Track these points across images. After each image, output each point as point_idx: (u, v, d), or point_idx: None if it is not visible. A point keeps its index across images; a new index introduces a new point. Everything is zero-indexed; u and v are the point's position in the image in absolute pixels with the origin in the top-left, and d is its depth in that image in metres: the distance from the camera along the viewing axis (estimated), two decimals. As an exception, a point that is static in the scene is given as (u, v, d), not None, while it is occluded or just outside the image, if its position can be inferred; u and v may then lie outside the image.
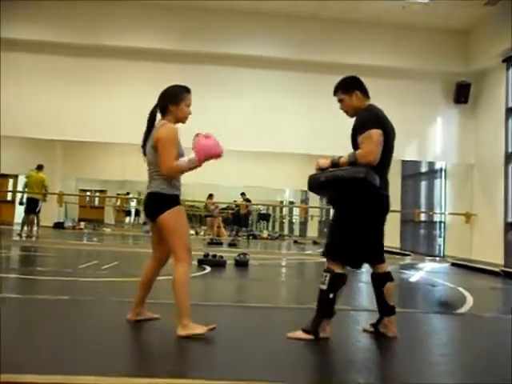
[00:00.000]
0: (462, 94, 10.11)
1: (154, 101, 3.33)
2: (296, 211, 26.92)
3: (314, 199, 23.03)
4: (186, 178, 3.45)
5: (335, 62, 9.46)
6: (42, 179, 11.33)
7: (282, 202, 27.26)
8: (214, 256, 7.57)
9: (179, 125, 3.29)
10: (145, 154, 3.29)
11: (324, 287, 3.15)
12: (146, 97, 10.65)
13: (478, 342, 3.54)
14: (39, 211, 11.56)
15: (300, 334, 3.15)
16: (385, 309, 3.31)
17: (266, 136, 9.83)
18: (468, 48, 9.95)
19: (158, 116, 3.31)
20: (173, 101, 3.23)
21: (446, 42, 9.96)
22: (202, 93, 9.45)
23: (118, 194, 23.15)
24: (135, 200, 25.37)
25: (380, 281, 3.33)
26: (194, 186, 14.27)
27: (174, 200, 3.21)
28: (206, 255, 7.55)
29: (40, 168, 11.51)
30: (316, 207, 21.80)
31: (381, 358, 3.09)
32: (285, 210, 28.78)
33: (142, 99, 9.41)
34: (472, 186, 10.40)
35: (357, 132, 3.19)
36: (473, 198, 10.32)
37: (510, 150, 9.15)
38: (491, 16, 9.16)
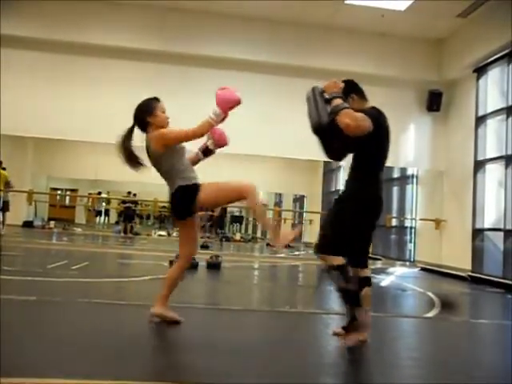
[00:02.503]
0: (434, 102, 10.29)
1: (128, 100, 3.33)
2: (269, 214, 27.02)
3: (288, 202, 23.15)
4: (159, 179, 3.44)
5: (311, 67, 9.54)
6: (5, 176, 11.10)
7: (255, 205, 27.24)
8: (186, 257, 7.50)
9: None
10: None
11: (342, 285, 3.08)
12: (121, 96, 10.62)
13: (447, 345, 3.60)
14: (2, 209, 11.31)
15: (354, 335, 3.12)
16: None
17: (242, 138, 9.81)
18: (441, 57, 10.15)
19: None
20: (149, 112, 3.31)
21: (420, 51, 10.14)
22: (179, 92, 9.42)
23: (90, 194, 22.81)
24: (104, 200, 25.00)
25: (359, 285, 3.34)
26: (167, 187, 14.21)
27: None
28: (178, 256, 7.48)
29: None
30: (289, 210, 21.91)
31: (351, 361, 3.11)
32: (258, 213, 28.81)
33: (116, 98, 9.42)
34: (442, 193, 10.60)
35: None
36: (443, 204, 10.51)
37: (479, 158, 9.36)
38: (463, 27, 9.37)
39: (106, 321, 3.44)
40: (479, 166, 9.36)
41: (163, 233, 17.87)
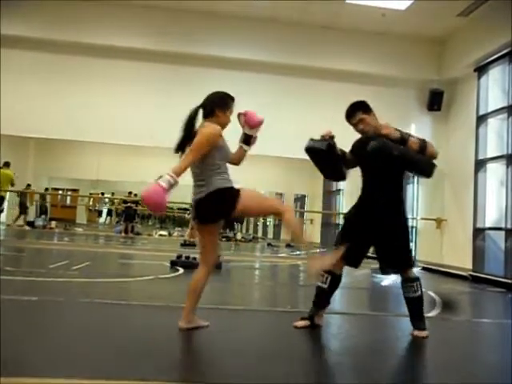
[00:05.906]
0: (435, 101, 10.29)
1: (129, 100, 3.32)
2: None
3: (289, 202, 23.10)
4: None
5: (312, 67, 9.55)
6: (10, 176, 11.11)
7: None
8: (187, 257, 7.52)
9: None
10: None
11: (418, 294, 3.52)
12: (122, 96, 10.60)
13: (448, 344, 3.61)
14: (2, 210, 11.35)
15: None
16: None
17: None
18: (442, 57, 10.15)
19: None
20: (221, 106, 3.31)
21: (421, 51, 10.15)
22: (181, 92, 9.41)
23: (91, 194, 22.83)
24: (107, 200, 25.03)
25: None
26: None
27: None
28: (179, 256, 7.50)
29: (7, 165, 11.28)
30: (290, 210, 21.87)
31: (353, 361, 3.12)
32: (259, 213, 28.81)
33: (118, 98, 9.43)
34: (443, 192, 10.59)
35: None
36: (443, 203, 10.51)
37: (480, 157, 9.35)
38: (464, 27, 9.37)
39: (108, 321, 3.45)
40: (480, 165, 9.35)
41: (164, 233, 17.91)
